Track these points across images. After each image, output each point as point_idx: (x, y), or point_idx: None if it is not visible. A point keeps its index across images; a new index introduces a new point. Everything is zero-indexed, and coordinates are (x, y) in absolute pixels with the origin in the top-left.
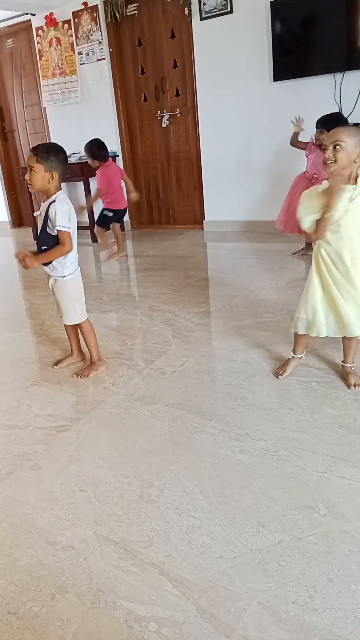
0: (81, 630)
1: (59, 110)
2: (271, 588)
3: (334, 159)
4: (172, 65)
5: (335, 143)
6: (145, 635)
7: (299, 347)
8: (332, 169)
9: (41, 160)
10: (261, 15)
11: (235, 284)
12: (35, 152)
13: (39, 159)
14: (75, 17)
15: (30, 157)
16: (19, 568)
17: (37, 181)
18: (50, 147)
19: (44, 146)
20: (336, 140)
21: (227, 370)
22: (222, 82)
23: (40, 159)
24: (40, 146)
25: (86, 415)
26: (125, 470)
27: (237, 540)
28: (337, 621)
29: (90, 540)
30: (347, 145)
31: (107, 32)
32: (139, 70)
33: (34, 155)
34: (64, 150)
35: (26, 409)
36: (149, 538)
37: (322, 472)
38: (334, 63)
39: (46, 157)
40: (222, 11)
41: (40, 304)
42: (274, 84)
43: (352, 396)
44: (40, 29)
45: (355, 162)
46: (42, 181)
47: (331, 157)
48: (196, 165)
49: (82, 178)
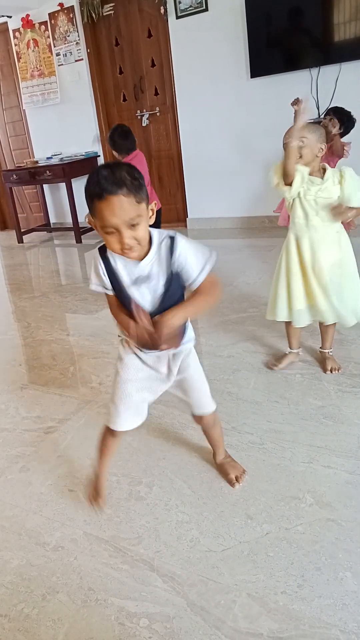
0: (73, 629)
1: (39, 112)
2: (260, 579)
3: (300, 154)
4: (150, 64)
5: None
6: (136, 631)
7: (293, 341)
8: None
9: (134, 192)
10: (236, 13)
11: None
12: (122, 189)
13: (130, 193)
14: (51, 19)
15: (121, 200)
16: (9, 570)
17: (144, 229)
18: (130, 172)
19: (127, 175)
20: (300, 137)
21: (213, 366)
22: (200, 80)
23: (131, 191)
24: (126, 180)
25: (74, 415)
26: (113, 469)
27: (226, 533)
28: (326, 609)
29: (80, 540)
30: (309, 141)
31: (84, 33)
32: (117, 70)
33: (128, 195)
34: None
35: (13, 412)
36: (139, 535)
37: (307, 463)
38: (310, 58)
39: (138, 186)
40: (198, 9)
41: (26, 306)
42: (251, 80)
43: (336, 387)
44: (17, 31)
45: (317, 156)
46: (146, 227)
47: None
48: (177, 164)
49: (64, 179)
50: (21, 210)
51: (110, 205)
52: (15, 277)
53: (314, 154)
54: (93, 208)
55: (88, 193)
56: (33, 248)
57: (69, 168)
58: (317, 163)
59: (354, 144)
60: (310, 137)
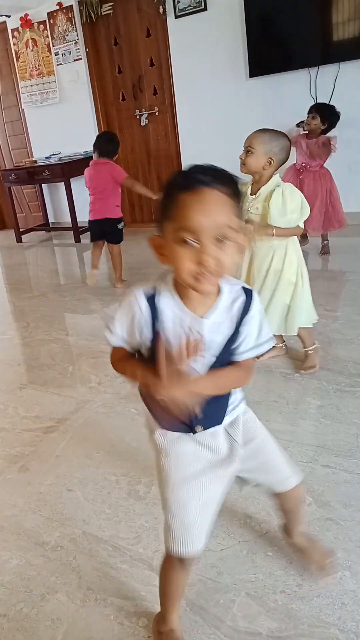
0: (72, 629)
1: (37, 111)
2: (259, 578)
3: (244, 162)
4: (148, 63)
5: (247, 148)
6: (135, 631)
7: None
8: (242, 171)
9: (236, 198)
10: (235, 12)
11: None
12: (223, 185)
13: (232, 196)
14: (50, 18)
15: (217, 197)
16: (8, 570)
17: (232, 255)
18: (236, 177)
19: (233, 176)
20: (247, 146)
21: None
22: (199, 79)
23: (233, 194)
24: (232, 178)
25: (73, 415)
26: (112, 469)
27: (225, 532)
28: (324, 608)
29: (79, 539)
30: (256, 152)
31: (82, 32)
32: (116, 69)
33: (228, 195)
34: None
35: (12, 412)
36: (138, 534)
37: (307, 462)
38: (308, 58)
39: (240, 196)
40: (197, 9)
41: (25, 306)
42: (250, 80)
43: (335, 386)
44: (15, 30)
45: (264, 168)
46: (233, 255)
47: (242, 160)
48: (176, 163)
49: (62, 179)
50: (20, 209)
51: (202, 199)
52: (14, 277)
53: (259, 165)
54: (171, 205)
55: (170, 185)
56: (32, 248)
57: (68, 168)
58: (266, 174)
59: (353, 144)
60: (257, 149)
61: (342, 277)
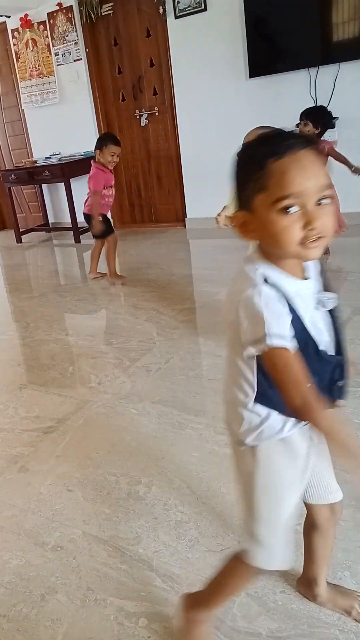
0: (72, 629)
1: (37, 111)
2: (259, 578)
3: None
4: (148, 64)
5: None
6: (135, 631)
7: None
8: None
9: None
10: (235, 13)
11: (218, 279)
12: (312, 145)
13: (319, 157)
14: (50, 18)
15: (313, 158)
16: (8, 570)
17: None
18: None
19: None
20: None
21: (212, 366)
22: (199, 80)
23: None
24: (314, 139)
25: (73, 415)
26: (112, 469)
27: (225, 533)
28: (324, 608)
29: (79, 540)
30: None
31: (82, 33)
32: (116, 69)
33: (318, 157)
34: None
35: (12, 412)
36: (138, 535)
37: None
38: (308, 58)
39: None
40: (197, 9)
41: (25, 306)
42: (249, 80)
43: None
44: (15, 30)
45: None
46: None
47: None
48: (176, 163)
49: (62, 179)
50: (20, 210)
51: (301, 163)
52: (14, 277)
53: None
54: (265, 176)
55: (255, 158)
56: (32, 248)
57: (68, 168)
58: None
59: (353, 144)
60: None
61: (342, 277)
